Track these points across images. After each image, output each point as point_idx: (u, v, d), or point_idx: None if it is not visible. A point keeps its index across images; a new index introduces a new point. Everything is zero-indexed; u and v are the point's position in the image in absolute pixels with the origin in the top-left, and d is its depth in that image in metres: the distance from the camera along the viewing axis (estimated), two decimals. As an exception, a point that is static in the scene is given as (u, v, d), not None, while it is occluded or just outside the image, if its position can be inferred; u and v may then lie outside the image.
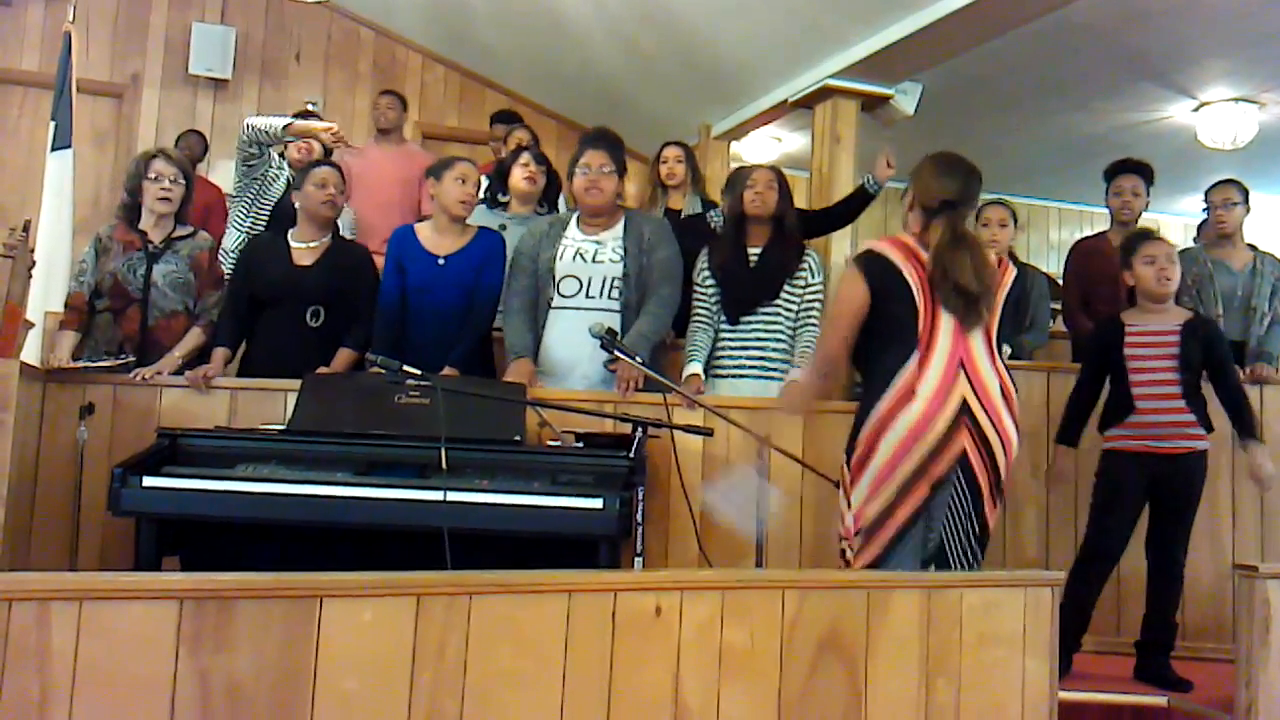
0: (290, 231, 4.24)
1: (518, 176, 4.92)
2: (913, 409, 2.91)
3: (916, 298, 3.01)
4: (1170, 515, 3.83)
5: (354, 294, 4.13)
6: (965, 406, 2.91)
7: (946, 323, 2.98)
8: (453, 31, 7.82)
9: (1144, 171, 4.85)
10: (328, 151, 5.13)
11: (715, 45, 6.40)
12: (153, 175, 4.06)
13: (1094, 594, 3.82)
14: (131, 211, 4.13)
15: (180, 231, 4.16)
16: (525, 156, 4.99)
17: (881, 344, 3.06)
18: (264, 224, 5.02)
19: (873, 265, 3.08)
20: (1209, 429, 3.84)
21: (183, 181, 4.11)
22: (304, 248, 4.16)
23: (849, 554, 3.05)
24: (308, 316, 4.08)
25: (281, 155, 5.25)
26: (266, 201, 5.08)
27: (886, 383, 2.97)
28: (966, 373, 2.94)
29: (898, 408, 2.93)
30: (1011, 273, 3.20)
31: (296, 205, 4.24)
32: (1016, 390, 3.07)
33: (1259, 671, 2.97)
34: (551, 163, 5.19)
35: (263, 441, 3.45)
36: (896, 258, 3.06)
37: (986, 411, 2.93)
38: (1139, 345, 3.85)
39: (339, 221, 4.36)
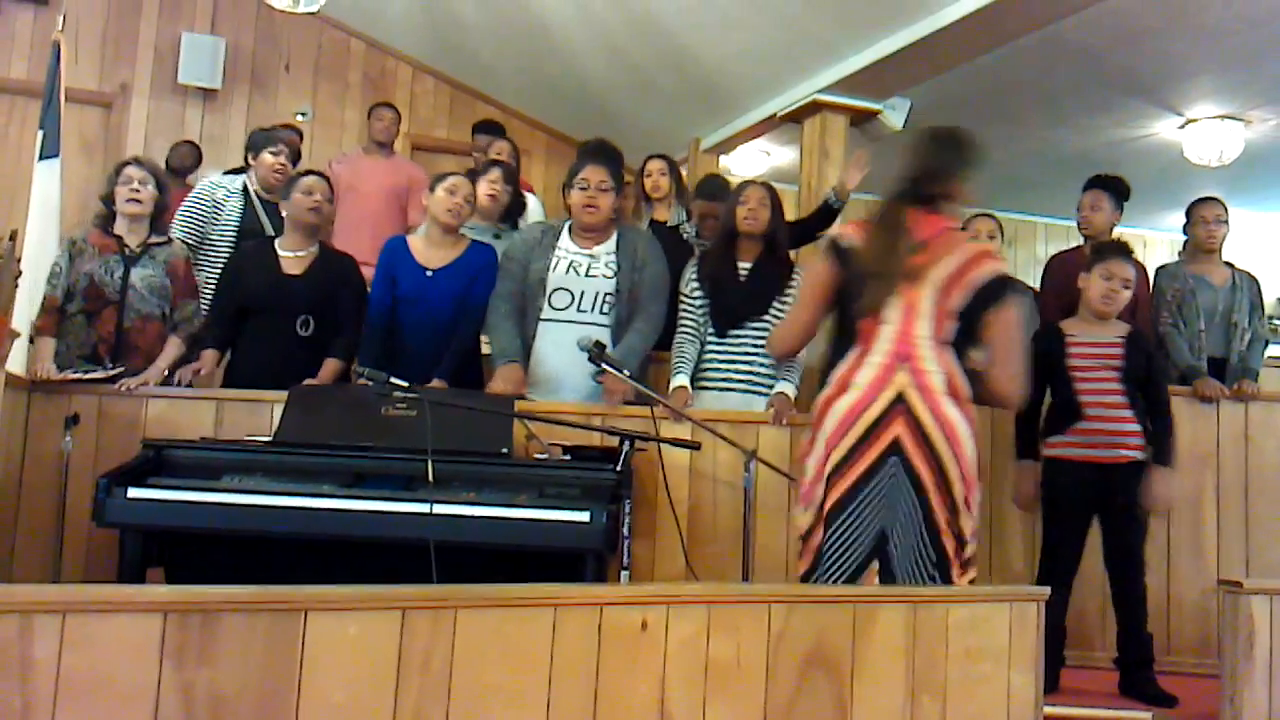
0: (277, 240, 4.24)
1: (481, 191, 4.92)
2: (846, 398, 2.90)
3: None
4: (1121, 528, 3.85)
5: (341, 303, 4.14)
6: (901, 398, 2.86)
7: (893, 317, 2.92)
8: (443, 43, 7.82)
9: (1111, 187, 4.85)
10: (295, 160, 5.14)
11: (705, 59, 6.42)
12: (123, 180, 4.11)
13: (1061, 606, 3.82)
14: (107, 220, 4.18)
15: (156, 239, 4.20)
16: (494, 173, 4.99)
17: (837, 335, 3.04)
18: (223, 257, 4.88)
19: (834, 250, 3.05)
20: (1149, 441, 3.87)
21: (153, 187, 4.14)
22: (292, 256, 4.17)
23: (801, 539, 3.01)
24: (298, 326, 4.10)
25: (243, 191, 5.15)
26: (223, 242, 5.01)
27: (829, 377, 2.97)
28: (908, 366, 2.88)
29: (833, 399, 2.92)
30: (989, 265, 2.98)
31: (283, 214, 4.25)
32: (977, 379, 2.97)
33: (1243, 687, 2.98)
34: (520, 184, 5.19)
35: (249, 453, 3.44)
36: (857, 244, 3.01)
37: (925, 400, 2.86)
38: (1082, 355, 3.88)
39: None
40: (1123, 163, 6.09)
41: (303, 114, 7.60)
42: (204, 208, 5.04)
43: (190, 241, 4.82)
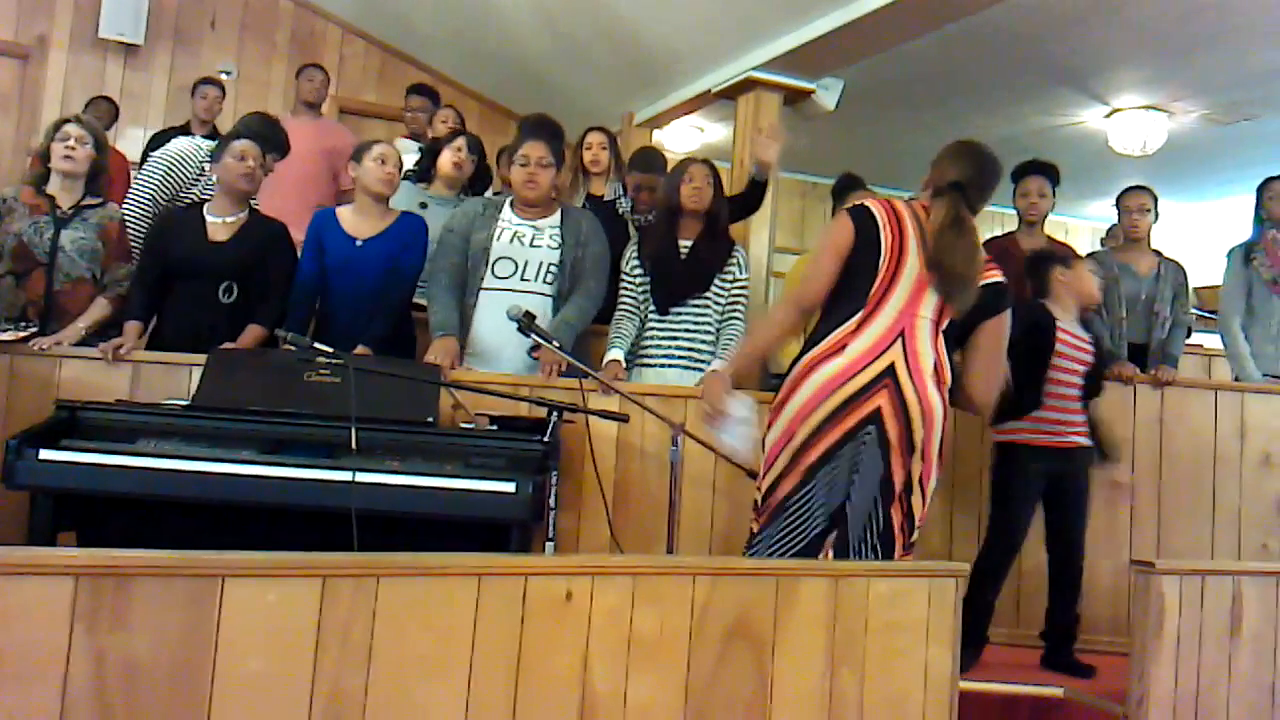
0: (206, 205, 4.14)
1: (446, 160, 4.91)
2: (836, 361, 2.93)
3: (881, 260, 3.01)
4: (1069, 510, 3.94)
5: (268, 270, 4.06)
6: (891, 370, 2.91)
7: (901, 293, 2.99)
8: (374, 5, 7.69)
9: (1050, 173, 4.91)
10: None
11: (642, 33, 6.39)
12: (60, 136, 4.00)
13: (1001, 587, 3.91)
14: (41, 177, 4.05)
15: (91, 200, 4.08)
16: (459, 141, 4.96)
17: (833, 300, 3.07)
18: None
19: (859, 215, 3.09)
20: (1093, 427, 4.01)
21: (90, 146, 4.02)
22: (220, 222, 4.07)
23: (758, 501, 3.06)
24: (220, 292, 4.00)
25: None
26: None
27: (823, 336, 3.00)
28: (904, 343, 2.94)
29: (823, 358, 2.96)
30: (990, 273, 3.11)
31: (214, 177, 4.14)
32: (954, 380, 3.04)
33: (1152, 665, 3.05)
34: (485, 152, 5.13)
35: (166, 416, 3.36)
36: (880, 217, 3.07)
37: (912, 378, 2.92)
38: (1065, 344, 3.95)
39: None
40: (1048, 150, 6.17)
41: (227, 72, 7.42)
42: (188, 171, 4.83)
43: (162, 199, 4.68)
